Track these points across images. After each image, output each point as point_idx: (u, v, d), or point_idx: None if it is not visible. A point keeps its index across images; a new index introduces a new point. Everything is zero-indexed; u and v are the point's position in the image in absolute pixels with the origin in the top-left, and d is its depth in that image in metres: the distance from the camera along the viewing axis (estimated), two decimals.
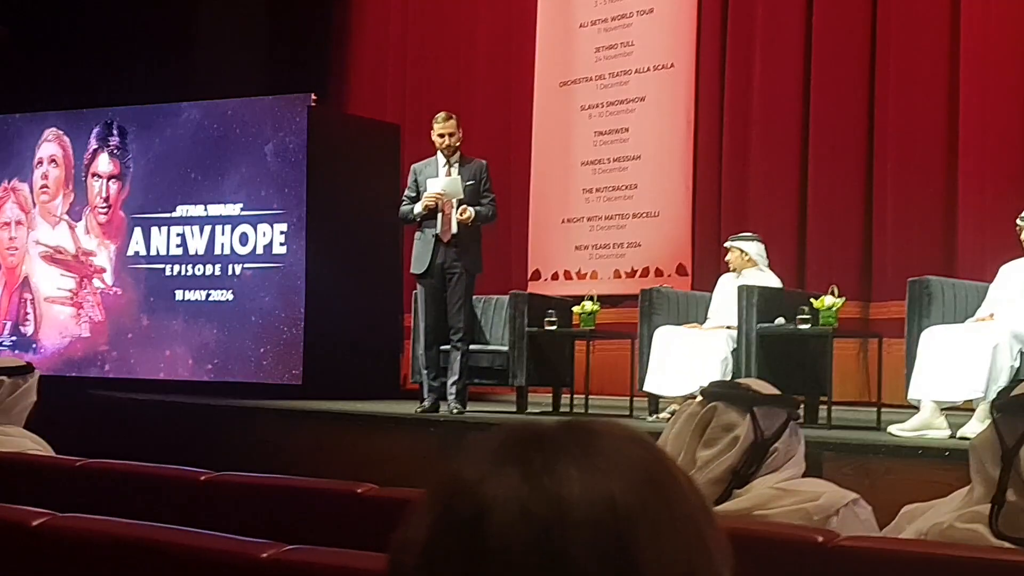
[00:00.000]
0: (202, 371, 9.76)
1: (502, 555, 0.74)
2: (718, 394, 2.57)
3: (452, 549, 0.76)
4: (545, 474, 0.77)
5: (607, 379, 8.61)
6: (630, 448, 0.80)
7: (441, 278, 7.28)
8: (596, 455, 0.78)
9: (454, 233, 7.21)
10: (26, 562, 2.18)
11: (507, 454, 0.79)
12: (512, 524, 0.75)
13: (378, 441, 6.83)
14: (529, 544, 0.74)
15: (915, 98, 8.40)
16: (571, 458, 0.78)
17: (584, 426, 0.82)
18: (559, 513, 0.75)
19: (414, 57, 11.32)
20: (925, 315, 6.08)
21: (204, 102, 10.09)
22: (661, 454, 0.82)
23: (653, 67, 9.82)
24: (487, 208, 7.32)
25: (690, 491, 0.81)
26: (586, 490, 0.76)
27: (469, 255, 7.27)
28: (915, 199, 8.32)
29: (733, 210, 9.21)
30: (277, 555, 1.89)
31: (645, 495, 0.77)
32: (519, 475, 0.77)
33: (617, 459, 0.78)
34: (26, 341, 10.74)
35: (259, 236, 9.61)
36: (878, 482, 4.94)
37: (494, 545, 0.75)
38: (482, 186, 7.33)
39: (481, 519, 0.76)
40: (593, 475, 0.77)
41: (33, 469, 3.55)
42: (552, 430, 0.81)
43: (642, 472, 0.78)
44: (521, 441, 0.80)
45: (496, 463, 0.78)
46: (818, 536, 2.22)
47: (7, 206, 10.93)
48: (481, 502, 0.76)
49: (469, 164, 7.36)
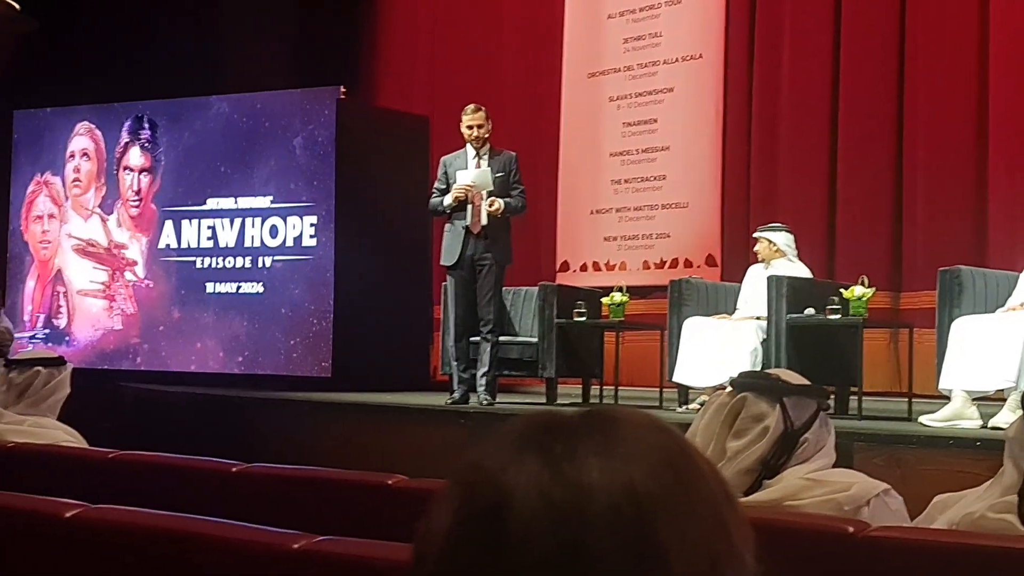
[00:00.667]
0: (233, 363, 9.80)
1: (523, 543, 0.74)
2: (748, 384, 2.56)
3: (473, 538, 0.76)
4: (565, 461, 0.77)
5: (636, 370, 8.60)
6: (651, 435, 0.80)
7: (471, 270, 7.28)
8: (616, 442, 0.78)
9: (484, 225, 7.20)
10: (59, 552, 2.20)
11: (527, 442, 0.79)
12: (533, 512, 0.75)
13: (408, 433, 6.85)
14: (550, 532, 0.74)
15: (945, 87, 8.34)
16: (591, 445, 0.78)
17: (604, 413, 0.82)
18: (579, 500, 0.75)
19: (442, 49, 11.32)
20: (956, 305, 6.04)
21: (233, 95, 10.14)
22: (682, 441, 0.82)
23: (681, 58, 9.79)
24: (517, 200, 7.31)
25: (711, 478, 0.81)
26: (606, 477, 0.76)
27: (499, 246, 7.27)
28: (945, 188, 8.26)
29: (762, 200, 9.18)
30: (308, 546, 1.90)
31: (666, 482, 0.77)
32: (539, 463, 0.77)
33: (637, 446, 0.78)
34: (59, 334, 10.82)
35: (289, 229, 9.65)
36: (909, 472, 4.91)
37: (515, 534, 0.75)
38: (512, 178, 7.32)
39: (502, 508, 0.76)
40: (613, 462, 0.77)
41: (66, 461, 3.58)
42: (572, 418, 0.81)
43: (663, 459, 0.78)
44: (541, 429, 0.80)
45: (516, 452, 0.78)
46: (849, 527, 2.21)
47: (40, 200, 11.01)
48: (501, 491, 0.76)
49: (499, 156, 7.35)
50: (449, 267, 7.34)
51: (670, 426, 0.83)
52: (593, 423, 0.80)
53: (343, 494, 2.92)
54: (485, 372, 7.25)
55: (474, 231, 7.22)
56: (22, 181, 11.07)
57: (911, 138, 8.52)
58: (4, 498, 2.42)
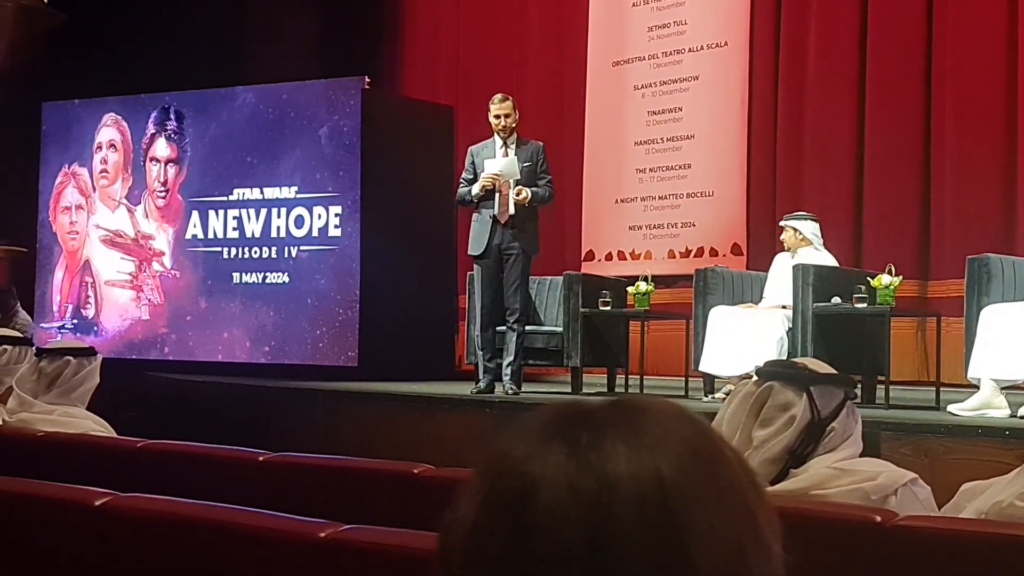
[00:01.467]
0: (259, 353, 9.84)
1: (549, 533, 0.74)
2: (774, 373, 2.55)
3: (499, 528, 0.76)
4: (592, 451, 0.76)
5: (662, 359, 8.59)
6: (677, 425, 0.80)
7: (498, 259, 7.27)
8: (643, 432, 0.78)
9: (511, 214, 7.20)
10: (89, 540, 2.21)
11: (553, 432, 0.79)
12: (559, 501, 0.75)
13: (434, 422, 6.86)
14: (576, 521, 0.74)
15: (973, 74, 8.29)
16: (618, 435, 0.77)
17: (631, 403, 0.81)
18: (606, 490, 0.75)
19: (467, 39, 11.32)
20: (984, 293, 6.01)
21: (259, 86, 10.16)
22: (709, 430, 0.81)
23: (707, 46, 9.75)
24: (544, 189, 7.30)
25: (739, 467, 0.81)
26: (633, 467, 0.76)
27: (526, 236, 7.26)
28: (973, 176, 8.21)
29: (788, 189, 9.14)
30: (335, 534, 1.91)
31: (692, 471, 0.77)
32: (566, 452, 0.77)
33: (664, 436, 0.78)
34: (87, 324, 10.89)
35: (314, 219, 9.67)
36: (937, 462, 4.89)
37: (541, 523, 0.75)
38: (539, 167, 7.31)
39: (528, 497, 0.76)
40: (640, 452, 0.76)
41: (96, 450, 3.60)
42: (599, 407, 0.81)
43: (689, 448, 0.78)
44: (568, 418, 0.80)
45: (543, 441, 0.78)
46: (876, 516, 2.20)
47: (68, 191, 11.07)
48: (528, 480, 0.76)
49: (526, 146, 7.35)
50: (476, 256, 7.33)
51: (697, 416, 0.83)
52: (620, 413, 0.80)
53: (369, 483, 2.93)
54: (511, 361, 7.25)
55: (501, 220, 7.22)
56: (51, 172, 11.14)
57: (939, 125, 8.47)
58: (34, 486, 2.44)
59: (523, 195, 7.14)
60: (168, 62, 10.69)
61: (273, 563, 1.98)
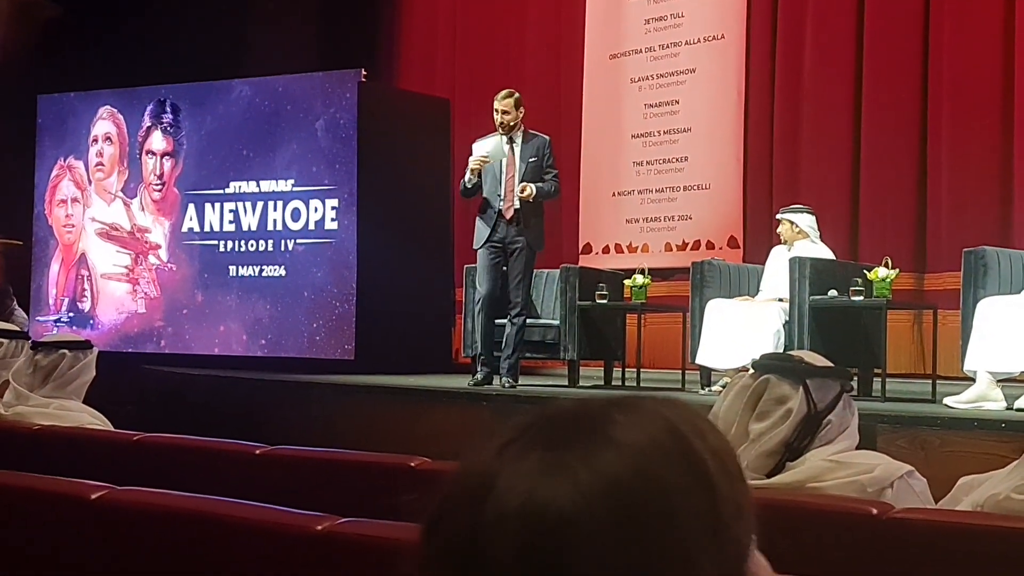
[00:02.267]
0: (256, 346, 9.84)
1: (495, 535, 0.74)
2: (770, 367, 2.55)
3: (450, 525, 0.77)
4: (556, 461, 0.76)
5: (659, 352, 8.60)
6: (644, 435, 0.78)
7: (502, 252, 7.26)
8: (609, 442, 0.77)
9: (516, 209, 7.20)
10: (85, 533, 2.21)
11: (529, 437, 0.78)
12: (511, 508, 0.74)
13: (431, 415, 6.86)
14: (522, 534, 0.74)
15: (969, 67, 8.29)
16: (581, 452, 0.76)
17: (605, 415, 0.80)
18: (566, 498, 0.74)
19: (464, 31, 11.30)
20: (980, 286, 6.01)
21: (255, 79, 10.15)
22: (677, 441, 0.79)
23: (703, 38, 9.75)
24: (550, 184, 7.28)
25: (707, 475, 0.79)
26: (595, 477, 0.75)
27: (531, 231, 7.24)
28: (970, 169, 8.21)
29: (785, 182, 9.15)
30: (331, 527, 1.91)
31: (655, 489, 0.76)
32: (533, 459, 0.76)
33: (630, 446, 0.77)
34: (83, 317, 10.88)
35: (311, 212, 9.66)
36: (933, 454, 4.90)
37: (488, 526, 0.75)
38: (545, 162, 7.29)
39: (484, 499, 0.76)
40: (602, 463, 0.75)
41: (92, 443, 3.61)
42: (569, 417, 0.80)
43: (654, 464, 0.77)
44: (543, 424, 0.79)
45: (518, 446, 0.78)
46: (872, 508, 2.21)
47: (63, 184, 11.06)
48: (485, 482, 0.76)
49: (531, 140, 7.32)
50: (479, 248, 7.32)
51: (672, 421, 0.81)
52: (587, 421, 0.79)
53: (366, 476, 2.93)
54: (509, 355, 7.25)
55: (506, 216, 7.21)
56: (46, 165, 11.12)
57: (935, 118, 8.47)
58: (30, 480, 2.44)
59: (527, 191, 7.14)
60: (164, 55, 10.67)
61: (270, 556, 1.98)
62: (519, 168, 7.23)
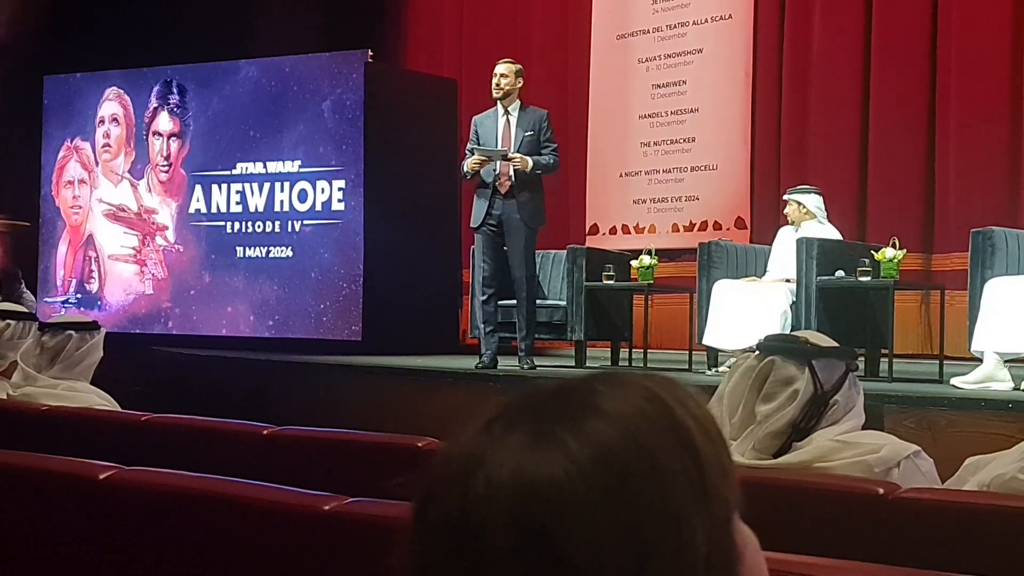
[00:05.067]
0: (263, 327, 9.85)
1: (483, 514, 0.74)
2: (775, 348, 2.55)
3: (441, 503, 0.77)
4: (543, 438, 0.76)
5: (666, 333, 8.60)
6: (629, 404, 0.79)
7: (499, 230, 7.13)
8: (597, 418, 0.77)
9: (512, 183, 7.06)
10: (93, 514, 2.22)
11: (513, 416, 0.79)
12: (497, 486, 0.75)
13: (438, 396, 6.87)
14: (510, 510, 0.74)
15: (978, 46, 8.25)
16: (568, 424, 0.77)
17: (588, 387, 0.81)
18: (548, 478, 0.74)
19: (470, 11, 11.27)
20: (988, 266, 6.00)
21: (262, 59, 10.13)
22: (660, 408, 0.80)
23: (711, 18, 9.71)
24: (548, 157, 7.10)
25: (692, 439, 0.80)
26: (580, 454, 0.75)
27: (528, 208, 7.07)
28: (978, 148, 8.18)
29: (792, 162, 9.12)
30: (339, 508, 1.91)
31: (644, 454, 0.76)
32: (517, 439, 0.77)
33: (615, 417, 0.78)
34: (91, 298, 10.90)
35: (318, 193, 9.66)
36: (940, 435, 4.90)
37: (475, 505, 0.75)
38: (542, 136, 7.13)
39: (469, 477, 0.76)
40: (587, 440, 0.76)
41: (100, 424, 3.61)
42: (552, 391, 0.81)
43: (641, 430, 0.77)
44: (529, 403, 0.80)
45: (502, 424, 0.78)
46: (879, 488, 2.21)
47: (70, 165, 11.06)
48: (472, 461, 0.77)
49: (528, 113, 7.21)
50: (476, 228, 7.24)
51: (657, 396, 0.81)
52: (575, 398, 0.80)
53: (373, 457, 2.94)
54: (523, 336, 7.16)
55: (501, 191, 7.10)
56: (53, 146, 11.12)
57: (943, 98, 8.44)
58: (39, 460, 2.45)
59: (518, 160, 7.00)
60: (170, 35, 10.66)
61: (277, 536, 1.99)
62: (515, 140, 7.10)
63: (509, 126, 7.15)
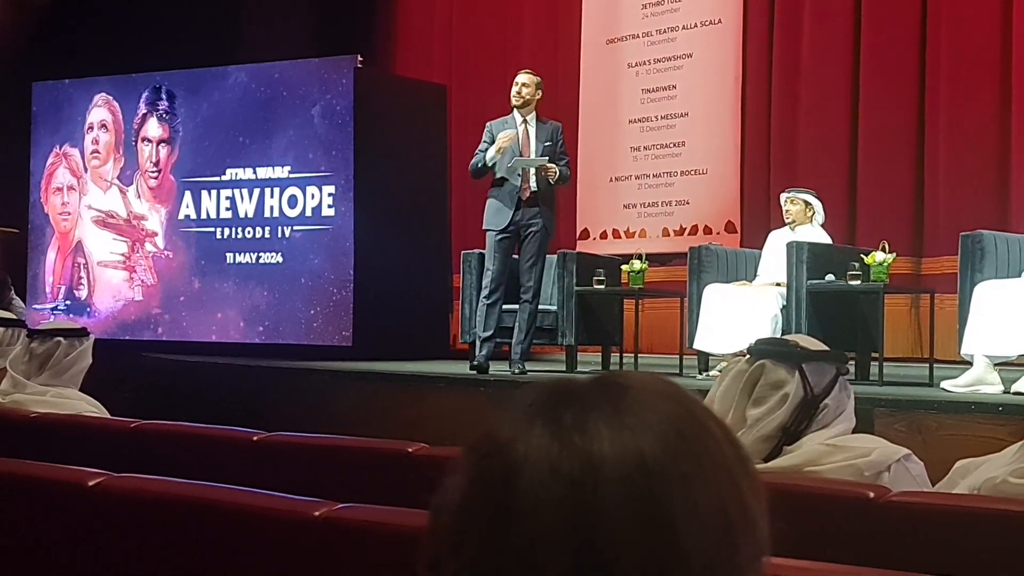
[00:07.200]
0: (253, 333, 9.84)
1: (532, 515, 0.75)
2: (766, 351, 2.55)
3: (484, 509, 0.77)
4: (576, 432, 0.77)
5: (656, 338, 8.60)
6: (661, 403, 0.80)
7: (516, 235, 7.25)
8: (625, 412, 0.78)
9: (533, 191, 7.18)
10: (82, 521, 2.21)
11: (537, 412, 0.79)
12: (542, 483, 0.75)
13: (429, 401, 6.86)
14: (559, 503, 0.74)
15: (967, 51, 8.27)
16: (601, 415, 0.78)
17: (615, 381, 0.82)
18: (589, 471, 0.75)
19: (460, 17, 11.28)
20: (978, 270, 6.01)
21: (251, 65, 10.13)
22: (694, 407, 0.82)
23: (700, 23, 9.73)
24: (564, 169, 7.31)
25: (725, 443, 0.82)
26: (616, 447, 0.76)
27: (546, 216, 7.25)
28: (968, 152, 8.20)
29: (782, 166, 9.14)
30: (330, 513, 1.91)
31: (675, 450, 0.77)
32: (549, 434, 0.77)
33: (647, 415, 0.79)
34: (80, 305, 10.87)
35: (307, 198, 9.65)
36: (930, 438, 4.90)
37: (524, 505, 0.75)
38: (558, 148, 7.33)
39: (511, 479, 0.76)
40: (622, 432, 0.77)
41: (89, 430, 3.60)
42: (583, 386, 0.82)
43: (673, 427, 0.79)
44: (552, 399, 0.80)
45: (527, 422, 0.79)
46: (869, 492, 2.21)
47: (59, 171, 11.04)
48: (512, 462, 0.77)
49: (545, 125, 7.36)
50: (498, 231, 7.25)
51: (683, 391, 0.83)
52: (604, 392, 0.81)
53: (364, 462, 2.93)
54: (521, 339, 7.23)
55: (523, 197, 7.19)
56: (41, 153, 11.10)
57: (933, 102, 8.46)
58: (28, 467, 2.44)
59: (552, 170, 7.14)
60: (159, 41, 10.64)
61: (267, 542, 1.98)
62: (535, 150, 7.24)
63: (528, 135, 7.24)
